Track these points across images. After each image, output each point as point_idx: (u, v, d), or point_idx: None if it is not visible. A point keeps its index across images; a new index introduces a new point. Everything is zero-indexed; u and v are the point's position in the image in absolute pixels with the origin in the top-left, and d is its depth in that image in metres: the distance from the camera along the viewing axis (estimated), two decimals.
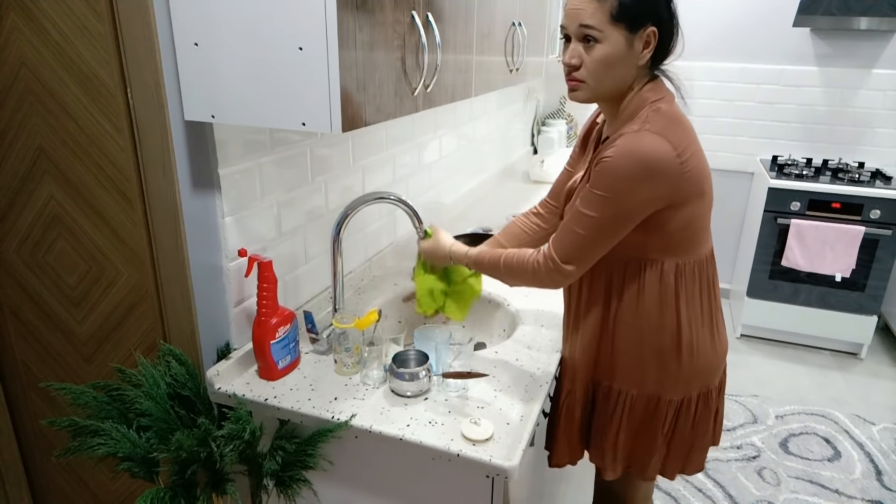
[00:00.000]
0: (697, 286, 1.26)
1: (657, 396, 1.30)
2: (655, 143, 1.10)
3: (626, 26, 1.11)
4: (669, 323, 1.25)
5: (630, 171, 1.10)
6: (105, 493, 1.53)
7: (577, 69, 1.16)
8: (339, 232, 1.42)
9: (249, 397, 1.25)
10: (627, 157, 1.10)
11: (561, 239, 1.21)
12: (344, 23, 0.95)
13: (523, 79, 1.96)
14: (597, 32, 1.11)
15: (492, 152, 2.86)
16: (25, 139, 1.24)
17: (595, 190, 1.14)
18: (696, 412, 1.34)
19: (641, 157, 1.09)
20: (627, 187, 1.11)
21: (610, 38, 1.11)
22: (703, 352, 1.29)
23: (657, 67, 1.21)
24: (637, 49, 1.14)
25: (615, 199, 1.12)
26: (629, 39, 1.12)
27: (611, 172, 1.11)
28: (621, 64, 1.14)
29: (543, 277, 1.25)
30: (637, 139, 1.10)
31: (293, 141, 1.41)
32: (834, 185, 3.08)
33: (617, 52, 1.12)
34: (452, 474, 1.16)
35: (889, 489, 2.35)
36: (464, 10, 1.39)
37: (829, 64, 3.38)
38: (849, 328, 3.23)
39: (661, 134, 1.11)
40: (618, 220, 1.15)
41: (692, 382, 1.30)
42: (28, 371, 1.47)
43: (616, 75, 1.15)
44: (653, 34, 1.13)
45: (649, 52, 1.15)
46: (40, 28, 1.14)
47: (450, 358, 1.33)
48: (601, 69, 1.14)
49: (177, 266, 1.22)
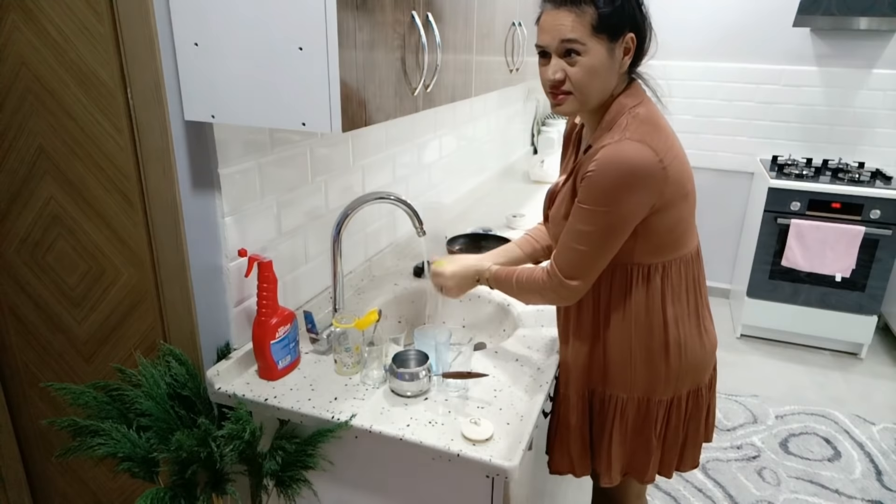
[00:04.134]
0: (683, 284, 1.27)
1: (647, 398, 1.31)
2: (637, 151, 1.10)
3: (607, 36, 1.12)
4: (657, 323, 1.26)
5: (616, 181, 1.11)
6: (105, 493, 1.53)
7: (563, 83, 1.16)
8: (339, 232, 1.42)
9: (249, 397, 1.25)
10: (612, 168, 1.11)
11: (561, 256, 1.23)
12: (344, 23, 0.95)
13: (523, 79, 1.96)
14: (579, 46, 1.11)
15: (492, 152, 2.86)
16: (25, 139, 1.24)
17: (585, 205, 1.15)
18: (687, 410, 1.35)
19: (625, 166, 1.10)
20: (616, 198, 1.12)
21: (592, 50, 1.12)
22: (692, 349, 1.30)
23: (633, 71, 1.22)
24: (618, 56, 1.15)
25: (606, 211, 1.14)
26: (610, 49, 1.13)
27: (598, 185, 1.12)
28: (605, 73, 1.15)
29: (552, 294, 1.26)
30: (619, 149, 1.11)
31: (293, 141, 1.41)
32: (834, 185, 3.08)
33: (600, 62, 1.13)
34: (452, 474, 1.16)
35: (889, 489, 2.35)
36: (464, 10, 1.39)
37: (829, 64, 3.38)
38: (849, 328, 3.23)
39: (641, 141, 1.11)
40: (613, 231, 1.16)
41: (682, 381, 1.31)
42: (28, 371, 1.47)
43: (601, 85, 1.16)
44: (631, 40, 1.15)
45: (629, 58, 1.16)
46: (40, 28, 1.14)
47: (450, 358, 1.33)
48: (587, 80, 1.14)
49: (177, 266, 1.22)
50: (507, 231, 2.26)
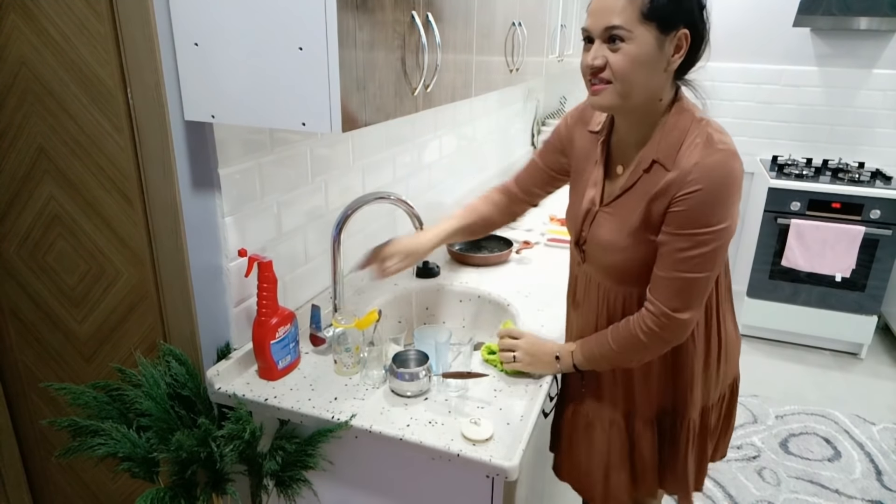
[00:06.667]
0: (725, 281, 1.26)
1: (706, 406, 1.31)
2: (736, 160, 1.05)
3: (657, 26, 1.02)
4: (713, 327, 1.25)
5: (730, 195, 1.05)
6: (105, 493, 1.53)
7: (602, 70, 1.05)
8: (339, 232, 1.42)
9: (249, 397, 1.25)
10: (724, 183, 1.04)
11: (665, 289, 1.11)
12: (344, 23, 0.95)
13: (523, 79, 1.96)
14: (624, 32, 1.01)
15: (492, 152, 2.86)
16: (25, 139, 1.24)
17: (695, 229, 1.06)
18: (732, 401, 1.38)
19: (734, 178, 1.04)
20: (730, 212, 1.06)
21: (639, 38, 1.02)
22: (733, 342, 1.31)
23: (682, 78, 1.14)
24: (667, 52, 1.05)
25: (723, 228, 1.06)
26: (659, 41, 1.03)
27: (711, 203, 1.04)
28: (650, 66, 1.04)
29: (659, 339, 1.15)
30: (724, 162, 1.04)
31: (293, 141, 1.41)
32: (834, 185, 3.08)
33: (646, 53, 1.03)
34: (452, 474, 1.16)
35: (889, 489, 2.34)
36: (464, 10, 1.39)
37: (829, 64, 3.38)
38: (849, 328, 3.23)
39: (731, 149, 1.06)
40: (724, 247, 1.09)
41: (728, 376, 1.33)
42: (28, 371, 1.47)
43: (643, 79, 1.05)
44: (685, 37, 1.05)
45: (680, 56, 1.06)
46: (40, 28, 1.14)
47: (450, 358, 1.33)
48: (628, 70, 1.03)
49: (177, 266, 1.22)
50: (507, 231, 2.26)
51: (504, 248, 2.02)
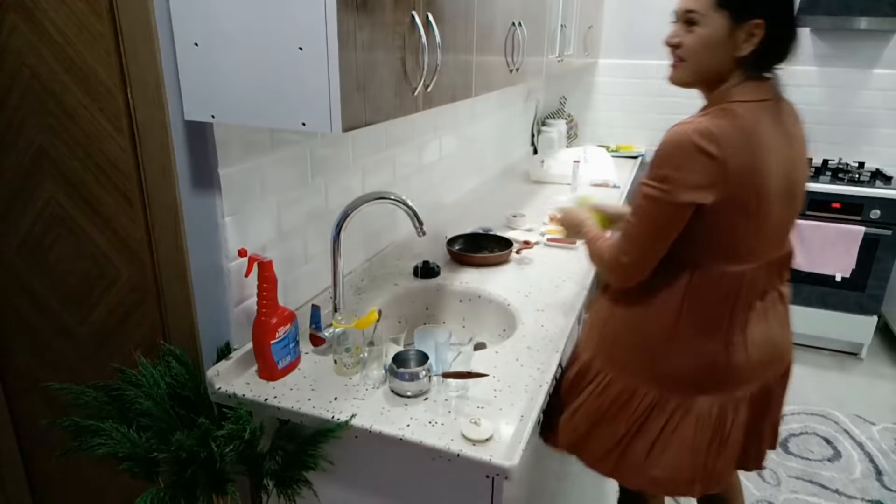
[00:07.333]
0: (714, 299, 1.23)
1: (633, 388, 1.30)
2: (697, 136, 1.10)
3: (730, 14, 1.13)
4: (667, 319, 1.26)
5: (674, 155, 1.12)
6: (105, 493, 1.53)
7: (678, 48, 1.20)
8: (339, 232, 1.42)
9: (249, 397, 1.25)
10: (673, 144, 1.12)
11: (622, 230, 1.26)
12: (344, 23, 0.95)
13: (523, 79, 1.96)
14: (698, 16, 1.15)
15: (492, 152, 2.86)
16: (25, 139, 1.24)
17: (644, 181, 1.18)
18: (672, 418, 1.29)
19: (683, 147, 1.11)
20: (671, 174, 1.13)
21: (710, 23, 1.14)
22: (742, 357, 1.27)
23: (761, 68, 1.20)
24: (738, 39, 1.14)
25: (661, 185, 1.15)
26: (731, 27, 1.14)
27: (659, 158, 1.15)
28: (717, 49, 1.16)
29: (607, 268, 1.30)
30: (682, 131, 1.12)
31: (293, 141, 1.41)
32: (834, 185, 3.08)
33: (715, 36, 1.15)
34: (452, 474, 1.16)
35: (889, 489, 2.35)
36: (464, 11, 1.39)
37: (829, 64, 3.38)
38: (849, 328, 3.23)
39: (701, 128, 1.10)
40: (664, 203, 1.17)
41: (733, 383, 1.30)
42: (28, 371, 1.47)
43: (710, 60, 1.17)
44: (758, 27, 1.13)
45: (750, 45, 1.15)
46: (40, 28, 1.14)
47: (450, 358, 1.33)
48: (696, 50, 1.17)
49: (177, 266, 1.22)
50: (507, 231, 2.26)
51: (504, 248, 2.02)
